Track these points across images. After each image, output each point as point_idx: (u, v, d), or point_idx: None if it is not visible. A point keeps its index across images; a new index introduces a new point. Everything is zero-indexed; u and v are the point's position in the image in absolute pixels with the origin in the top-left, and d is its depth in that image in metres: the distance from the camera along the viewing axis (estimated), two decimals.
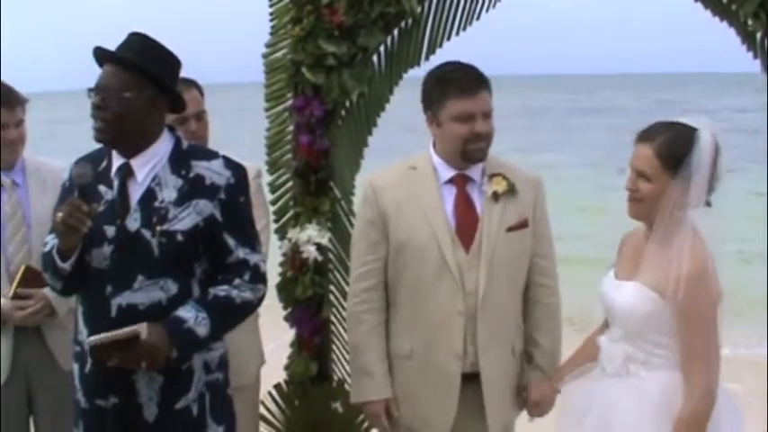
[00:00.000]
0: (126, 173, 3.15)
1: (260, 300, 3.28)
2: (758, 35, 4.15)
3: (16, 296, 3.79)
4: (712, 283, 3.03)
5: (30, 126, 3.98)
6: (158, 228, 3.09)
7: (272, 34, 4.55)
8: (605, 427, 3.15)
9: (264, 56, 4.57)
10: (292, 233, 4.45)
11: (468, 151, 3.51)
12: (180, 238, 3.10)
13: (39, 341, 3.91)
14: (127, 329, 2.97)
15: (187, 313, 3.09)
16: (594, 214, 16.35)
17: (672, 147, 3.03)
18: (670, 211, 3.05)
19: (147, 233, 3.09)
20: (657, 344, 3.11)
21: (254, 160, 4.26)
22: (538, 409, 3.64)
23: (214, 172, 3.19)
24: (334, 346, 4.60)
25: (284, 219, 4.55)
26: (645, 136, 3.11)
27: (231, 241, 3.19)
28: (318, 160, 4.42)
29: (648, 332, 3.11)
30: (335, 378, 4.59)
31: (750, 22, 4.10)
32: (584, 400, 3.30)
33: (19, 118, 3.88)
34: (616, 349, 3.20)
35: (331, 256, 4.54)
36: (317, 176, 4.45)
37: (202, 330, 3.09)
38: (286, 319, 4.55)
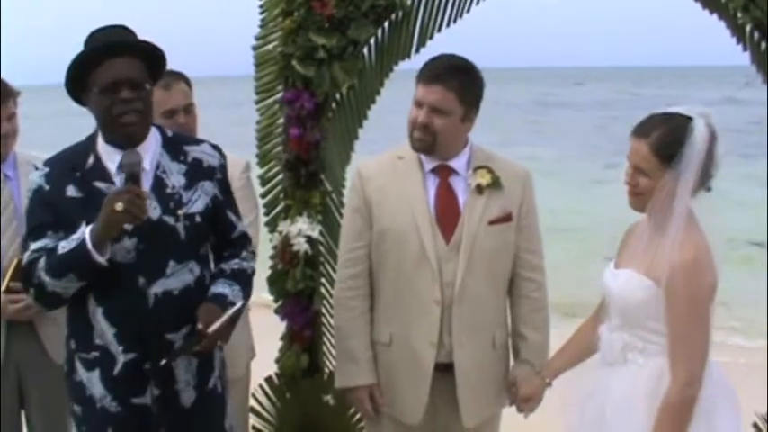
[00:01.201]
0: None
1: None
2: (748, 28, 4.16)
3: (8, 290, 3.78)
4: (705, 272, 3.02)
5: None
6: (180, 212, 3.14)
7: (261, 27, 4.54)
8: (602, 414, 3.17)
9: (254, 48, 4.57)
10: (283, 226, 4.45)
11: (412, 138, 3.57)
12: (198, 219, 3.19)
13: (31, 335, 3.91)
14: (231, 311, 3.11)
15: (224, 289, 3.21)
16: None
17: (666, 142, 3.03)
18: (666, 200, 3.05)
19: (169, 219, 3.13)
20: (653, 331, 3.11)
21: (244, 153, 4.28)
22: (527, 404, 3.64)
23: (207, 155, 3.29)
24: (325, 339, 4.60)
25: (275, 211, 4.55)
26: (640, 131, 3.11)
27: (233, 217, 3.36)
28: (309, 153, 4.42)
29: (644, 319, 3.12)
30: (326, 370, 4.59)
31: (740, 14, 4.11)
32: (586, 389, 3.32)
33: (11, 111, 3.87)
34: (614, 338, 3.21)
35: (321, 248, 4.54)
36: (308, 169, 4.44)
37: (239, 303, 3.20)
38: (277, 311, 4.55)
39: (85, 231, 3.00)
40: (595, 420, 3.20)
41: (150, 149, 3.17)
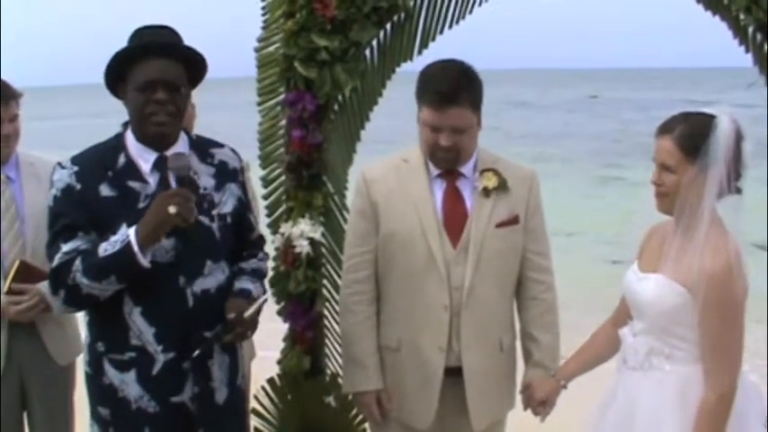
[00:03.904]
0: (164, 166, 3.17)
1: None
2: (750, 29, 4.15)
3: (10, 291, 3.78)
4: (738, 279, 2.98)
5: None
6: (214, 212, 3.21)
7: (264, 29, 4.53)
8: (628, 421, 3.14)
9: (257, 50, 4.56)
10: (285, 227, 4.44)
11: (435, 158, 3.54)
12: (229, 220, 3.30)
13: (33, 336, 3.91)
14: (261, 299, 3.22)
15: (248, 285, 3.32)
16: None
17: (691, 135, 2.99)
18: (693, 201, 3.01)
19: (205, 220, 3.20)
20: (681, 337, 3.08)
21: (244, 154, 4.28)
22: (543, 407, 3.60)
23: (230, 157, 3.39)
24: (327, 341, 4.60)
25: (277, 213, 4.55)
26: (664, 128, 3.08)
27: (252, 219, 3.51)
28: (311, 155, 4.41)
29: (673, 325, 3.08)
30: (329, 372, 4.59)
31: (742, 16, 4.10)
32: (607, 392, 3.29)
33: (13, 113, 3.87)
34: (639, 342, 3.17)
35: (324, 250, 4.54)
36: (310, 171, 4.43)
37: (265, 296, 3.31)
38: (279, 313, 4.55)
39: (129, 234, 3.01)
40: (620, 424, 3.16)
41: (181, 151, 3.21)
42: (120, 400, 3.18)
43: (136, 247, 2.99)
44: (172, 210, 2.98)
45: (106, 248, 3.02)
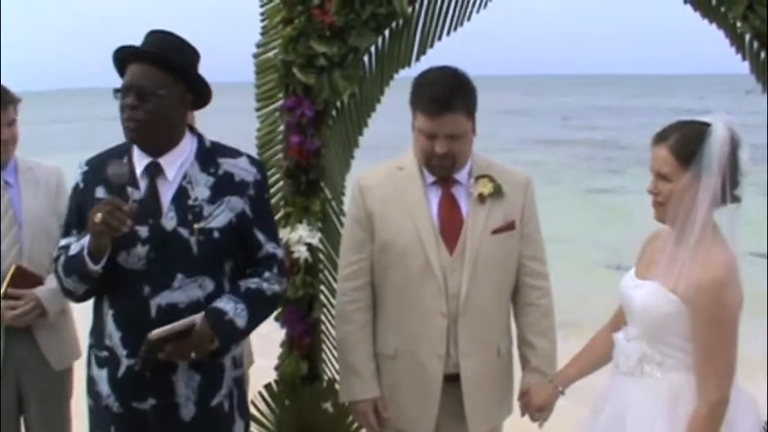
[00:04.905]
0: (155, 172, 3.16)
1: (284, 292, 3.44)
2: (747, 37, 4.17)
3: (6, 296, 3.78)
4: (733, 290, 2.97)
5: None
6: (195, 226, 3.12)
7: (262, 34, 4.54)
8: (618, 426, 3.13)
9: (255, 56, 4.57)
10: (283, 233, 4.44)
11: (430, 165, 3.53)
12: (216, 235, 3.15)
13: (29, 341, 3.90)
14: (185, 320, 3.02)
15: (226, 305, 3.13)
16: None
17: (685, 142, 2.99)
18: (687, 208, 3.00)
19: (184, 232, 3.12)
20: (674, 346, 3.06)
21: None
22: (541, 413, 3.58)
23: (242, 169, 3.25)
24: (324, 346, 4.60)
25: (275, 219, 4.55)
26: (660, 137, 3.07)
27: (261, 236, 3.28)
28: (309, 160, 4.42)
29: (665, 333, 3.07)
30: (326, 378, 4.59)
31: (739, 24, 4.12)
32: (599, 396, 3.29)
33: (11, 118, 3.87)
34: (631, 348, 3.16)
35: (321, 256, 4.54)
36: (308, 177, 4.44)
37: (241, 322, 3.15)
38: (277, 319, 4.55)
39: (86, 237, 3.04)
40: (611, 429, 3.16)
41: (179, 158, 3.20)
42: (97, 394, 3.25)
43: (85, 251, 3.03)
44: (97, 218, 2.92)
45: (73, 248, 3.11)
